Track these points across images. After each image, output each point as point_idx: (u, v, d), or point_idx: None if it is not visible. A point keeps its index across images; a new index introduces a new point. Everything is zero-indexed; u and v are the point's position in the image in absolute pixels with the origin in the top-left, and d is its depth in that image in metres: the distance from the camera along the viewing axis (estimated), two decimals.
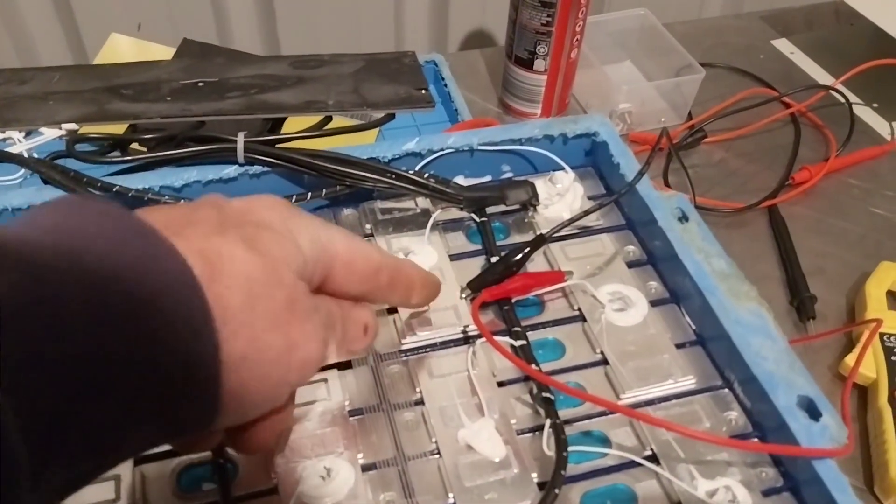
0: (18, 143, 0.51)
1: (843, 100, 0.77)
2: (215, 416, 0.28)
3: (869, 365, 0.53)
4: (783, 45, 0.88)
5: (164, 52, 0.73)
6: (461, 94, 0.74)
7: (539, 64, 0.72)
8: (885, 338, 0.55)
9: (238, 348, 0.28)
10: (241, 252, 0.29)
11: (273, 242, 0.31)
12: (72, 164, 0.49)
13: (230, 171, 0.50)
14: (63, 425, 0.23)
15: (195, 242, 0.28)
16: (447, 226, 0.51)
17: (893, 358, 0.54)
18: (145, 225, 0.27)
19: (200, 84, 0.55)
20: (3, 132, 0.50)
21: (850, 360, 0.54)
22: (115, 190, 0.47)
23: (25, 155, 0.50)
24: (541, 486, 0.38)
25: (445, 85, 0.76)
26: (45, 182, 0.48)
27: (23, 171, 0.55)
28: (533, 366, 0.42)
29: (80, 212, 0.27)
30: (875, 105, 0.79)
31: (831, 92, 0.79)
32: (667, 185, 0.69)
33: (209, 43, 0.76)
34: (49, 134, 0.51)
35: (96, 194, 0.46)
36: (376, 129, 0.66)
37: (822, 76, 0.83)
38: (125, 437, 0.26)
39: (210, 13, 0.90)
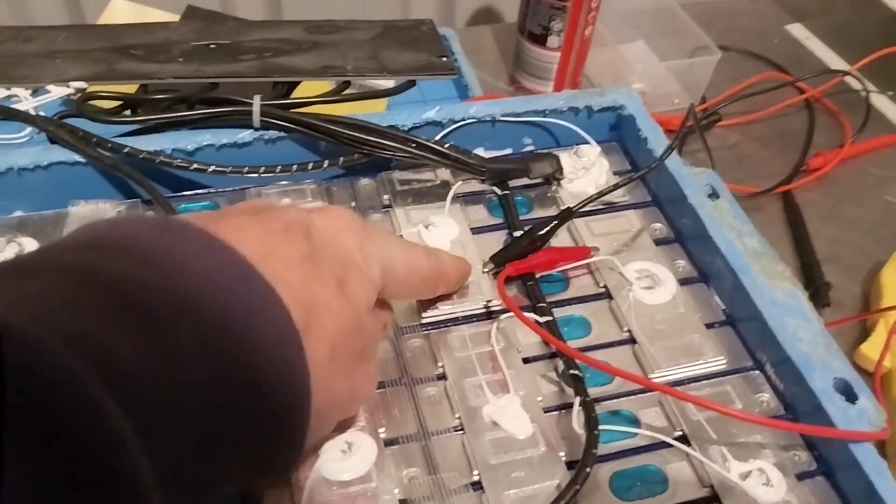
0: (25, 100, 0.49)
1: (859, 86, 0.76)
2: (296, 461, 0.31)
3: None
4: (797, 30, 0.87)
5: (167, 19, 0.71)
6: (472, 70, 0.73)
7: (553, 40, 0.71)
8: None
9: (316, 400, 0.29)
10: (335, 301, 0.30)
11: (359, 286, 0.32)
12: (81, 123, 0.47)
13: (245, 135, 0.48)
14: (179, 478, 0.24)
15: (297, 291, 0.29)
16: (468, 198, 0.49)
17: None
18: (249, 267, 0.28)
19: (212, 46, 0.53)
20: (9, 89, 0.48)
21: (865, 348, 0.53)
22: (125, 151, 0.45)
23: (32, 113, 0.48)
24: (569, 465, 0.36)
25: (455, 60, 0.74)
26: (53, 141, 0.46)
27: (29, 129, 0.53)
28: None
29: (182, 241, 0.27)
30: (891, 93, 0.78)
31: (846, 78, 0.78)
32: None
33: (214, 10, 0.74)
34: (56, 92, 0.49)
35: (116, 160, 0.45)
36: (386, 100, 0.64)
37: (836, 62, 0.82)
38: (224, 484, 0.27)
39: None
